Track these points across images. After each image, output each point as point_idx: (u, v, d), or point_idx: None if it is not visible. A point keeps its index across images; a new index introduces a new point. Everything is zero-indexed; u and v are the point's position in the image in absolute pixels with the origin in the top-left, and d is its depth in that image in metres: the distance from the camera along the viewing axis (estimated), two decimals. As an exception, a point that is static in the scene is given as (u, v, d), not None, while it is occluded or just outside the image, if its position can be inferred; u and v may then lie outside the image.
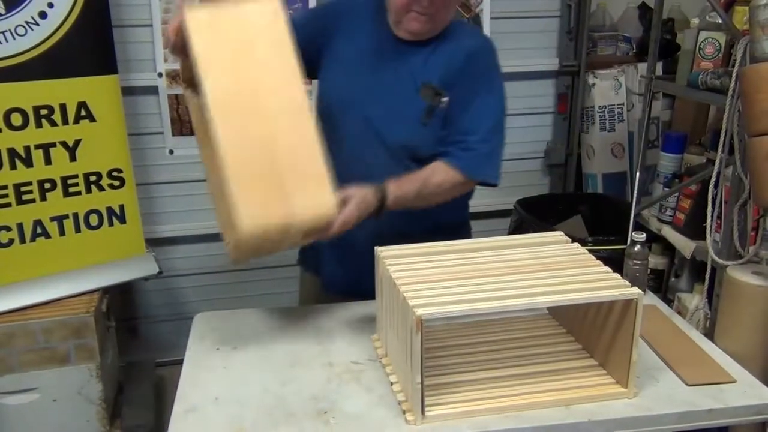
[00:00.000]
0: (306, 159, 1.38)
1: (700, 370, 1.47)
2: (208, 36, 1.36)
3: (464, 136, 1.64)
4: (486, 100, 1.66)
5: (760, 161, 1.51)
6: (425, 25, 1.61)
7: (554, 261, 1.46)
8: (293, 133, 1.38)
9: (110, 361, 2.45)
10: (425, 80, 1.64)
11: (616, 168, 2.99)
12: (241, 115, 1.36)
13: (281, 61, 1.38)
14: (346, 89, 1.69)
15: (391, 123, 1.66)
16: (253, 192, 1.35)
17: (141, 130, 2.72)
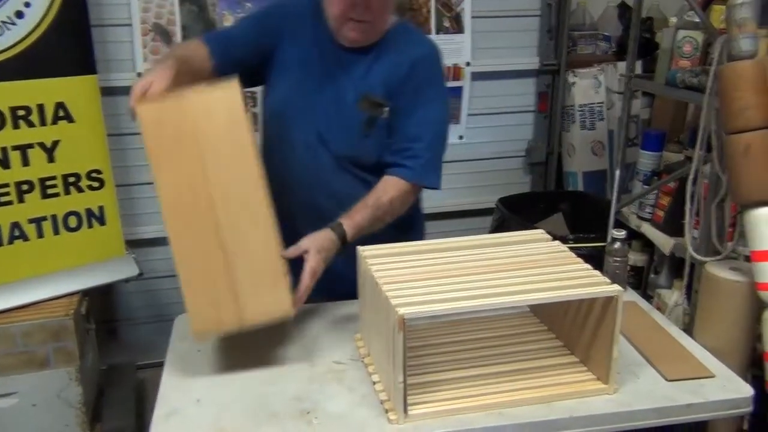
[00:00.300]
0: (261, 260, 1.34)
1: (679, 366, 1.48)
2: (161, 132, 1.31)
3: (410, 143, 1.66)
4: (430, 108, 1.67)
5: (738, 158, 1.53)
6: (364, 33, 1.62)
7: (535, 259, 1.47)
8: (248, 233, 1.34)
9: (90, 365, 2.43)
10: (365, 91, 1.65)
11: (597, 166, 3.01)
12: (193, 215, 1.33)
13: (238, 157, 1.32)
14: (294, 98, 1.68)
15: (334, 134, 1.67)
16: (203, 296, 1.35)
17: (121, 130, 2.69)
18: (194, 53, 1.59)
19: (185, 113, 1.31)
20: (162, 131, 1.31)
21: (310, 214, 1.68)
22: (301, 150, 1.67)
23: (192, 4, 2.60)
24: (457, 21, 2.86)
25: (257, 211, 1.33)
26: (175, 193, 1.33)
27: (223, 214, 1.33)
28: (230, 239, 1.34)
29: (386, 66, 1.65)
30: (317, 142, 1.68)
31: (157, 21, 2.59)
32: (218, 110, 1.31)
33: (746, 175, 1.52)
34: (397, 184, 1.65)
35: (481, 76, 2.96)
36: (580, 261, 1.46)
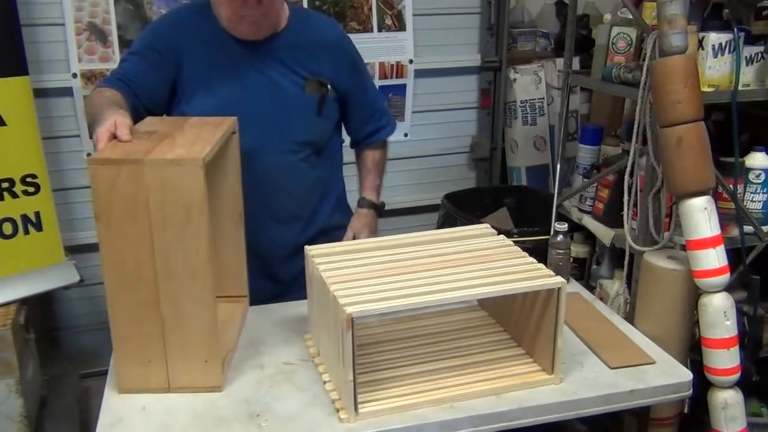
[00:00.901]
0: (197, 337, 1.34)
1: (621, 353, 1.53)
2: (112, 196, 1.26)
3: (373, 109, 1.90)
4: (366, 75, 1.91)
5: (671, 151, 1.58)
6: (261, 27, 1.64)
7: (481, 253, 1.49)
8: (188, 310, 1.32)
9: (31, 376, 2.35)
10: (305, 75, 1.71)
11: (539, 161, 3.06)
12: (135, 281, 1.31)
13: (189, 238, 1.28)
14: (221, 108, 1.63)
15: (290, 122, 1.71)
16: (134, 355, 1.36)
17: (56, 133, 2.61)
18: (118, 99, 1.55)
19: (140, 182, 1.25)
20: (114, 195, 1.26)
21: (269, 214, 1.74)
22: (245, 155, 1.64)
23: (127, 2, 2.54)
24: (399, 19, 2.87)
25: (201, 291, 1.31)
26: (119, 256, 1.31)
27: (165, 288, 1.31)
28: (169, 312, 1.33)
29: (308, 52, 1.72)
30: (268, 136, 1.68)
31: (91, 20, 2.52)
32: (178, 189, 1.25)
33: (679, 167, 1.57)
34: (384, 145, 1.97)
35: (424, 74, 2.98)
36: (524, 254, 1.48)
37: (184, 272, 1.30)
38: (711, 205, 1.57)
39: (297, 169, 1.75)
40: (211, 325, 1.33)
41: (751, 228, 1.83)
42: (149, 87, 1.64)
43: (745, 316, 1.86)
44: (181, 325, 1.33)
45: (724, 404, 1.59)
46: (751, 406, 2.15)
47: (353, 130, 1.92)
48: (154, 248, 1.29)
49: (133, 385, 1.38)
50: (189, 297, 1.31)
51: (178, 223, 1.27)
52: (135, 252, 1.29)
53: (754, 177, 1.85)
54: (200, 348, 1.35)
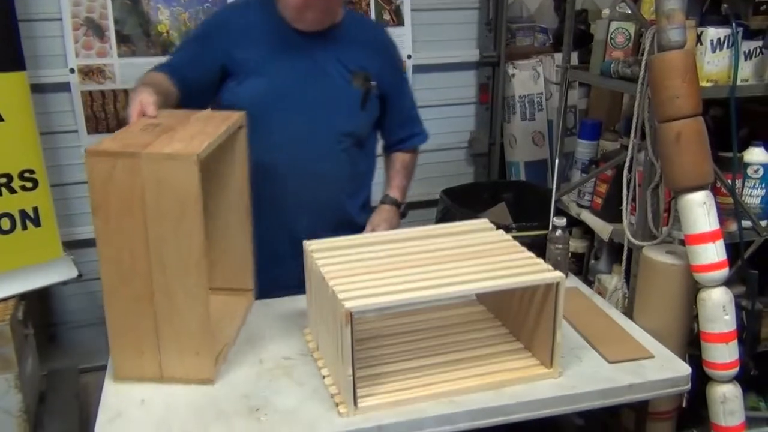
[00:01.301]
0: (189, 329, 1.35)
1: (620, 348, 1.53)
2: (108, 188, 1.27)
3: (409, 114, 1.99)
4: (405, 82, 2.01)
5: (669, 146, 1.58)
6: (323, 18, 1.72)
7: (480, 249, 1.49)
8: (181, 304, 1.33)
9: (30, 371, 2.35)
10: (353, 68, 1.78)
11: (538, 156, 3.06)
12: (129, 274, 1.32)
13: (183, 232, 1.28)
14: (270, 94, 1.73)
15: (331, 115, 1.77)
16: (129, 346, 1.38)
17: (53, 128, 2.60)
18: (161, 80, 1.66)
19: (136, 175, 1.25)
20: (110, 188, 1.26)
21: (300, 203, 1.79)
22: (290, 137, 1.74)
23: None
24: (397, 14, 2.86)
25: (194, 285, 1.32)
26: (115, 250, 1.32)
27: (159, 281, 1.32)
28: (162, 304, 1.34)
29: (358, 47, 1.80)
30: (313, 122, 1.75)
31: (88, 15, 2.51)
32: (171, 183, 1.25)
33: (678, 162, 1.57)
34: (409, 155, 2.01)
35: (423, 69, 2.98)
36: (523, 249, 1.48)
37: (177, 266, 1.31)
38: (710, 200, 1.57)
39: (337, 158, 1.81)
40: (203, 318, 1.34)
41: (750, 223, 1.84)
42: (197, 72, 1.74)
43: (743, 310, 1.86)
44: (174, 318, 1.34)
45: (723, 398, 1.59)
46: (750, 400, 2.15)
47: (388, 132, 1.98)
48: (149, 242, 1.29)
49: (128, 373, 1.40)
50: (182, 290, 1.32)
51: (173, 218, 1.27)
52: (130, 245, 1.30)
53: (752, 172, 1.85)
54: (192, 340, 1.36)
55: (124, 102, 2.65)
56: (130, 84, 2.63)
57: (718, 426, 1.61)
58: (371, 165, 1.97)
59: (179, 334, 1.35)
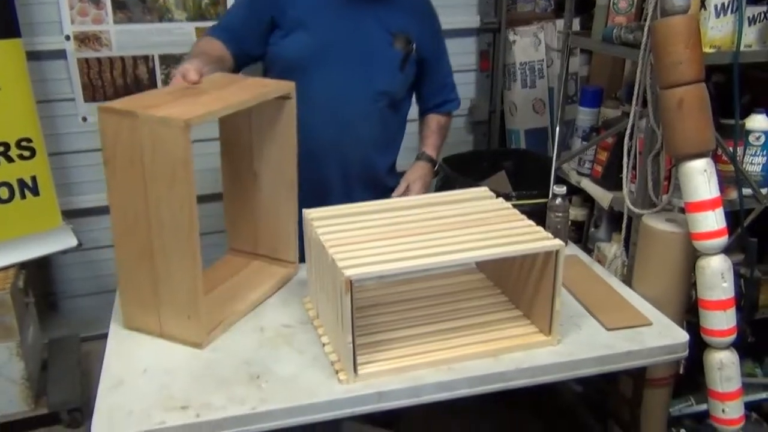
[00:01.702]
0: (182, 293, 1.38)
1: (618, 315, 1.54)
2: (116, 144, 1.32)
3: (446, 81, 2.05)
4: (444, 48, 2.05)
5: (672, 112, 1.57)
6: None
7: (480, 216, 1.49)
8: (175, 266, 1.36)
9: (31, 339, 2.37)
10: (395, 31, 1.84)
11: (538, 123, 3.04)
12: (134, 229, 1.37)
13: (176, 196, 1.31)
14: (313, 48, 1.79)
15: (371, 73, 1.84)
16: (135, 299, 1.44)
17: (50, 96, 2.58)
18: (212, 46, 1.76)
19: (136, 135, 1.29)
20: (117, 143, 1.32)
21: (334, 157, 1.87)
22: (329, 92, 1.80)
23: (121, -38, 2.49)
24: (397, -21, 2.82)
25: (187, 249, 1.34)
26: (122, 203, 1.36)
27: (157, 241, 1.36)
28: (160, 264, 1.38)
29: (401, 12, 1.87)
30: (349, 85, 1.81)
31: (84, -19, 2.47)
32: (165, 146, 1.28)
33: (680, 129, 1.56)
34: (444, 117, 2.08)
35: (422, 35, 2.94)
36: (523, 217, 1.48)
37: (171, 229, 1.34)
38: (710, 168, 1.56)
39: (371, 116, 1.87)
40: (193, 285, 1.36)
41: (750, 191, 1.83)
42: (250, 32, 1.82)
43: (741, 278, 1.87)
44: (169, 279, 1.38)
45: (720, 365, 1.60)
46: (746, 366, 2.17)
47: (424, 97, 2.04)
48: (148, 201, 1.33)
49: (133, 324, 1.47)
50: (175, 254, 1.35)
51: (166, 180, 1.30)
52: (134, 201, 1.34)
53: (754, 139, 1.84)
54: (183, 303, 1.39)
55: (120, 69, 2.63)
56: (127, 51, 2.62)
57: (714, 392, 1.63)
58: (402, 129, 2.03)
59: (173, 296, 1.39)
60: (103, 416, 1.22)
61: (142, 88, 2.67)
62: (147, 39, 2.62)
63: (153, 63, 2.66)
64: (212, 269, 1.69)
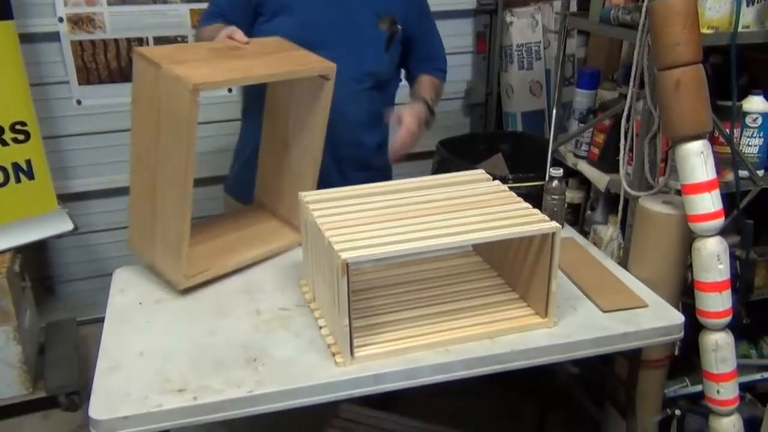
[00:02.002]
0: (172, 234, 1.48)
1: (614, 297, 1.54)
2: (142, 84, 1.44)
3: (436, 56, 2.05)
4: (432, 22, 2.04)
5: (669, 94, 1.56)
6: None
7: (476, 199, 1.48)
8: (170, 208, 1.47)
9: (28, 323, 2.37)
10: (380, 12, 1.84)
11: (535, 106, 3.03)
12: (145, 165, 1.48)
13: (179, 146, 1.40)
14: (297, 32, 1.75)
15: (356, 54, 1.83)
16: (139, 226, 1.57)
17: (44, 79, 2.57)
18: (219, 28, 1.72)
19: (158, 85, 1.39)
20: (143, 86, 1.43)
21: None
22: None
23: (113, -57, 2.47)
24: (393, -41, 2.79)
25: (178, 199, 1.43)
26: (139, 139, 1.49)
27: (159, 183, 1.46)
28: (158, 203, 1.48)
29: None
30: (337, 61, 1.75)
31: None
32: (175, 103, 1.37)
33: (677, 111, 1.55)
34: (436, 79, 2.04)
35: (419, 17, 2.92)
36: (519, 200, 1.48)
37: (170, 175, 1.43)
38: (707, 150, 1.56)
39: (359, 97, 1.87)
40: (180, 230, 1.45)
41: (747, 172, 1.83)
42: (241, 13, 1.81)
43: (737, 259, 1.87)
44: (164, 218, 1.49)
45: (715, 346, 1.61)
46: (741, 347, 2.18)
47: (413, 67, 2.04)
48: (158, 145, 1.44)
49: (135, 247, 1.61)
50: (170, 198, 1.45)
51: (173, 133, 1.40)
52: (148, 141, 1.46)
53: (751, 121, 1.83)
54: (171, 243, 1.48)
55: (115, 52, 2.61)
56: (121, 33, 2.60)
57: (709, 373, 1.64)
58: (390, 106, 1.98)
59: (165, 234, 1.50)
60: (100, 399, 1.22)
61: (137, 70, 2.66)
62: (141, 21, 2.60)
63: (147, 45, 2.64)
64: (230, 216, 1.82)
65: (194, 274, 1.54)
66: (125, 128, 2.69)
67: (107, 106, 2.67)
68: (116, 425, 1.19)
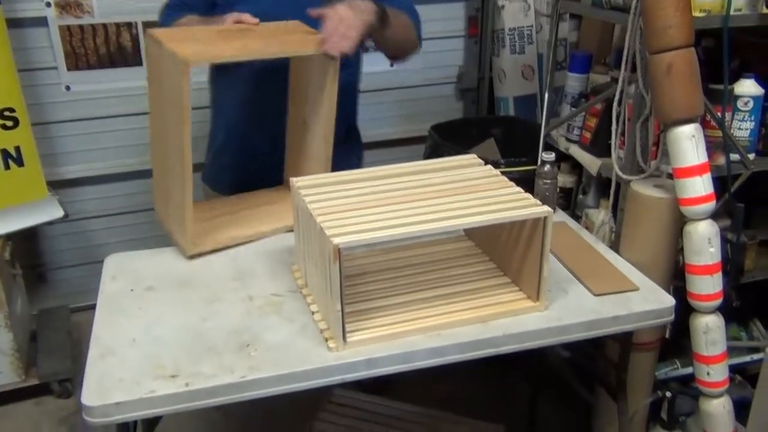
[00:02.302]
0: (178, 205, 1.56)
1: (606, 281, 1.55)
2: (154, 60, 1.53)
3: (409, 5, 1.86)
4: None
5: (660, 77, 1.56)
6: None
7: (468, 184, 1.48)
8: (175, 178, 1.54)
9: (20, 310, 2.36)
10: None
11: (527, 90, 3.03)
12: (160, 135, 1.57)
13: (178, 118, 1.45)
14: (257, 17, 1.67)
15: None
16: (160, 198, 1.68)
17: (32, 65, 2.54)
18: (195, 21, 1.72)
19: (162, 62, 1.46)
20: (153, 64, 1.55)
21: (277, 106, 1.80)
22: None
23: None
24: (384, -57, 2.77)
25: (179, 171, 1.50)
26: (154, 112, 1.58)
27: (169, 155, 1.54)
28: (168, 173, 1.57)
29: None
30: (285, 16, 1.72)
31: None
32: (171, 77, 1.43)
33: (669, 94, 1.55)
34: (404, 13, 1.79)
35: (411, 1, 2.90)
36: (511, 184, 1.48)
37: (172, 147, 1.50)
38: (699, 133, 1.56)
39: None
40: (182, 201, 1.52)
41: (738, 156, 1.84)
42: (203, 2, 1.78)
43: (728, 243, 1.89)
44: (174, 188, 1.56)
45: (706, 329, 1.62)
46: (731, 330, 2.20)
47: None
48: (165, 118, 1.51)
49: (158, 216, 1.72)
50: (173, 170, 1.53)
51: (174, 107, 1.45)
52: (158, 114, 1.55)
53: (742, 104, 1.84)
54: (178, 212, 1.57)
55: (103, 37, 2.59)
56: (109, 18, 2.57)
57: (700, 355, 1.65)
58: (353, 78, 1.94)
59: (174, 203, 1.58)
60: (93, 385, 1.22)
61: (126, 56, 2.63)
62: (129, 5, 2.57)
63: (136, 30, 2.61)
64: (253, 195, 1.86)
65: (201, 243, 1.62)
66: (115, 114, 2.70)
67: (97, 91, 2.65)
68: (109, 411, 1.18)
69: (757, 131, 1.87)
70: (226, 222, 1.74)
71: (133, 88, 2.63)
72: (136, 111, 2.68)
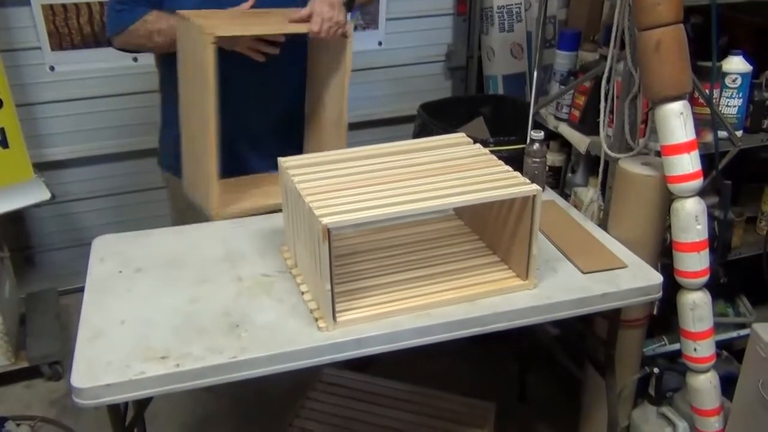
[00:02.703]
0: (204, 168, 1.64)
1: (594, 258, 1.55)
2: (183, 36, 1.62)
3: None
4: None
5: (650, 54, 1.55)
6: None
7: (457, 163, 1.48)
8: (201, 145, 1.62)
9: (8, 294, 2.35)
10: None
11: (516, 69, 3.01)
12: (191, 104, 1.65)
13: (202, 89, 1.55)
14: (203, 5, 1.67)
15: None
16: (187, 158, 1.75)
17: (15, 45, 2.50)
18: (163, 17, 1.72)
19: (188, 36, 1.57)
20: (183, 39, 1.63)
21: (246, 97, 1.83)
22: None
23: None
24: None
25: (205, 143, 1.59)
26: (184, 88, 1.66)
27: (197, 126, 1.63)
28: (196, 145, 1.66)
29: None
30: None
31: None
32: (198, 51, 1.52)
33: (657, 71, 1.55)
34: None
35: (398, -22, 2.88)
36: (500, 163, 1.48)
37: (198, 120, 1.60)
38: (687, 110, 1.56)
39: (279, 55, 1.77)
40: (209, 171, 1.62)
41: (725, 133, 1.84)
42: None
43: (715, 220, 1.89)
44: (202, 159, 1.64)
45: (693, 305, 1.64)
46: (718, 306, 2.22)
47: None
48: (193, 92, 1.61)
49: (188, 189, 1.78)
50: (200, 141, 1.62)
51: (199, 80, 1.55)
52: (188, 89, 1.65)
53: (730, 82, 1.84)
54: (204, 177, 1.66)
55: (87, 16, 2.55)
56: (93, -4, 2.53)
57: (687, 332, 1.67)
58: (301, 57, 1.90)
59: (201, 167, 1.66)
60: (82, 368, 1.22)
61: (111, 35, 2.59)
62: (113, -16, 2.53)
63: (121, 9, 2.57)
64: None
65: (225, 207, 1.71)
66: (101, 95, 2.67)
67: (82, 72, 2.61)
68: (99, 393, 1.19)
69: (745, 108, 1.87)
70: (252, 194, 1.81)
71: (118, 68, 2.59)
72: (121, 91, 2.65)
